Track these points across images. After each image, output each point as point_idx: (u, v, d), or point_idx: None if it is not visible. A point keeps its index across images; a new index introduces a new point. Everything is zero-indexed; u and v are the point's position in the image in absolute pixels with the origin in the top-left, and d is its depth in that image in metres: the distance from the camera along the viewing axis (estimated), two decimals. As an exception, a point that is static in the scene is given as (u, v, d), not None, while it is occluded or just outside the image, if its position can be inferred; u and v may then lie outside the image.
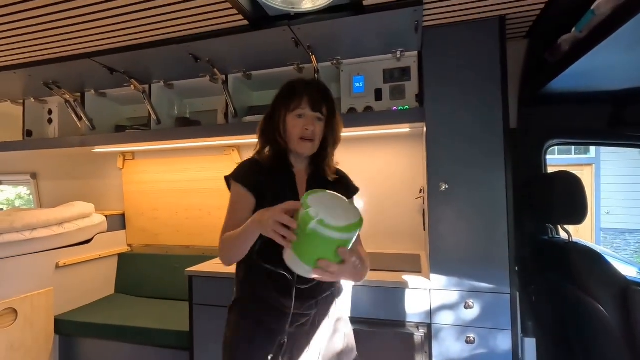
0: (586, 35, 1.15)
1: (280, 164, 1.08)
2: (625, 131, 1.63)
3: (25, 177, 2.93)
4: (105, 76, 1.92)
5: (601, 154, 7.59)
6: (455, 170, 1.49)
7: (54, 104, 2.40)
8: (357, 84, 1.79)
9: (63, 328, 2.08)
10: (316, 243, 0.78)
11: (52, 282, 2.09)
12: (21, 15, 1.39)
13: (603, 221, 7.48)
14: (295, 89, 1.07)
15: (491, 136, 1.46)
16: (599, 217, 7.43)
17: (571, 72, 1.32)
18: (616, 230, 7.51)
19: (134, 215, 2.62)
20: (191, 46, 1.62)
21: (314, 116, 1.05)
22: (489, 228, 1.45)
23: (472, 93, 1.48)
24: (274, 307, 1.03)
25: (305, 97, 1.05)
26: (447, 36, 1.51)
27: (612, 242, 7.49)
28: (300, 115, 1.05)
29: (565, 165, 7.20)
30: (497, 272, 1.42)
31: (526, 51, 1.75)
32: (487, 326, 1.42)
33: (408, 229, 2.06)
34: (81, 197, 2.58)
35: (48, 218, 2.07)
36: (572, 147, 7.90)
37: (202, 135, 1.97)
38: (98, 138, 2.16)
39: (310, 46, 1.61)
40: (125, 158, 2.61)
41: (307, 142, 1.05)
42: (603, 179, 7.52)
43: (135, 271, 2.51)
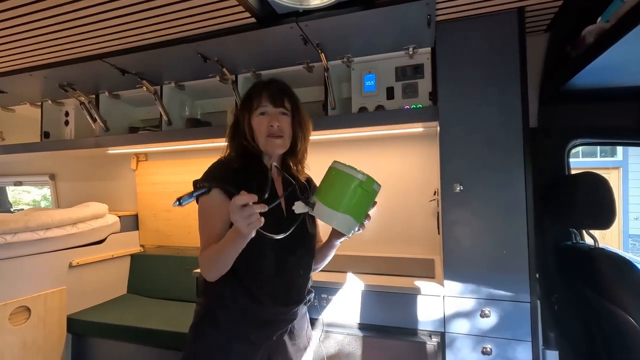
0: (613, 25, 1.07)
1: (254, 166, 1.05)
2: None
3: (44, 178, 3.01)
4: (118, 77, 1.94)
5: (629, 157, 7.24)
6: (471, 171, 1.42)
7: (70, 106, 2.45)
8: (368, 83, 1.74)
9: (75, 327, 2.10)
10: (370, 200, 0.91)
11: (66, 281, 2.12)
12: (34, 17, 1.41)
13: (631, 227, 7.12)
14: (254, 90, 1.07)
15: (509, 136, 1.39)
16: (627, 222, 7.08)
17: (596, 66, 1.23)
18: (646, 237, 7.13)
19: (147, 216, 2.64)
20: (200, 45, 1.61)
21: (277, 111, 1.04)
22: (507, 232, 1.37)
23: (489, 91, 1.42)
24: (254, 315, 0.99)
25: (264, 94, 1.04)
26: (461, 31, 1.45)
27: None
28: (263, 112, 1.03)
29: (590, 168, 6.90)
30: (516, 279, 1.34)
31: (547, 45, 1.66)
32: (505, 336, 1.34)
33: (421, 233, 1.99)
34: (96, 198, 2.62)
35: (62, 218, 2.11)
36: (598, 148, 7.58)
37: (212, 136, 1.96)
38: (111, 139, 2.18)
39: (319, 44, 1.57)
40: (139, 159, 2.64)
41: (275, 139, 1.03)
42: (631, 182, 7.17)
43: (147, 272, 2.52)
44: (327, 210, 0.87)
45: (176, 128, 2.12)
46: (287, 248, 1.00)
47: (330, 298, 1.53)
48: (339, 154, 2.13)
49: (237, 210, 0.79)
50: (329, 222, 0.88)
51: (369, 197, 0.89)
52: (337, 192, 0.88)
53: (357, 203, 0.88)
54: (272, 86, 1.06)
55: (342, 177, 0.88)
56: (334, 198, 0.88)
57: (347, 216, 0.87)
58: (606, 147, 7.39)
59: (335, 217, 0.87)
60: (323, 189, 0.91)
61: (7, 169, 3.19)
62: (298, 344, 1.10)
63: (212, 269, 0.94)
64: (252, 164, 1.04)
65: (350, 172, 0.88)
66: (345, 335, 1.48)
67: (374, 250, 2.09)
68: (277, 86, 1.07)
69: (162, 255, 2.53)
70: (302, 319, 1.13)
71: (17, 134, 2.67)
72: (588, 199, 1.36)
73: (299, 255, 1.05)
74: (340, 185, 0.88)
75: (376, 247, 2.09)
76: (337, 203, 0.87)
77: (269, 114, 1.03)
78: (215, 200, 0.98)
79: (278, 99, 1.04)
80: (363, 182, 0.86)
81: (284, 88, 1.08)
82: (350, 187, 0.87)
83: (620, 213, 6.99)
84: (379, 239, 2.08)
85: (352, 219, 0.88)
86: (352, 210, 0.88)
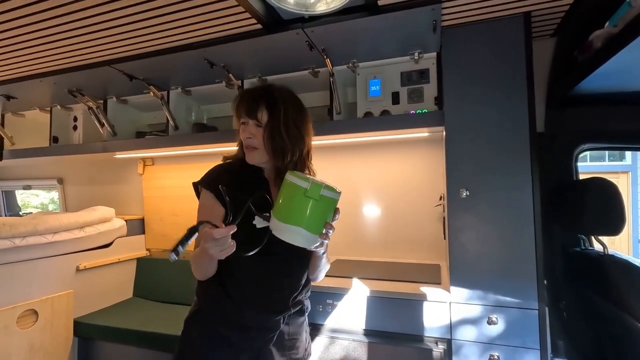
0: (621, 30, 1.06)
1: (254, 174, 1.06)
2: None
3: (52, 182, 3.04)
4: (125, 83, 1.96)
5: (638, 161, 7.14)
6: (477, 176, 1.41)
7: (79, 111, 2.48)
8: (374, 88, 1.74)
9: (81, 330, 2.11)
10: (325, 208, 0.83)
11: (73, 284, 2.14)
12: (44, 24, 1.43)
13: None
14: (236, 99, 1.06)
15: (516, 140, 1.38)
16: (636, 228, 6.96)
17: (604, 70, 1.22)
18: (656, 243, 7.00)
19: (153, 220, 2.65)
20: (206, 51, 1.63)
21: (252, 123, 1.01)
22: (515, 237, 1.35)
23: (495, 95, 1.41)
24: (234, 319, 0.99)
25: (242, 104, 1.02)
26: (467, 36, 1.45)
27: (651, 255, 6.99)
28: (243, 123, 1.03)
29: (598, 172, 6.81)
30: (523, 286, 1.33)
31: (554, 50, 1.65)
32: (513, 344, 1.32)
33: (427, 238, 1.97)
34: (104, 202, 2.64)
35: (69, 222, 2.12)
36: (606, 153, 7.49)
37: (218, 141, 1.97)
38: (118, 144, 2.20)
39: (324, 49, 1.58)
40: (145, 164, 2.66)
41: (250, 151, 1.03)
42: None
43: (153, 276, 2.53)
44: (278, 224, 0.82)
45: (182, 133, 2.13)
46: (274, 257, 0.98)
47: (335, 304, 1.52)
48: (344, 159, 2.13)
49: (210, 240, 0.77)
50: (282, 236, 0.83)
51: (321, 205, 0.82)
52: (286, 203, 0.83)
53: (309, 214, 0.81)
54: (247, 96, 1.03)
55: (289, 187, 0.83)
56: (283, 210, 0.83)
57: (299, 229, 0.81)
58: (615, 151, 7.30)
59: (287, 231, 0.82)
60: (276, 202, 0.86)
61: (16, 173, 3.23)
62: (289, 356, 1.05)
63: (196, 272, 0.98)
64: (251, 169, 1.06)
65: (294, 181, 0.82)
66: (350, 342, 1.47)
67: (379, 256, 2.08)
68: (252, 96, 1.02)
69: (167, 259, 2.53)
70: (298, 329, 1.08)
71: (27, 139, 2.71)
72: (596, 204, 1.34)
73: (287, 264, 1.02)
74: (287, 196, 0.83)
75: (381, 252, 2.08)
76: (287, 215, 0.82)
77: (247, 125, 1.02)
78: (208, 202, 1.01)
79: (252, 110, 1.00)
80: (307, 190, 0.80)
81: (261, 97, 1.01)
82: (296, 197, 0.81)
83: (630, 218, 6.88)
84: (385, 244, 2.07)
85: (306, 231, 0.81)
86: (304, 222, 0.81)
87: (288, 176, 0.84)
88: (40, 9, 1.32)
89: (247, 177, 1.05)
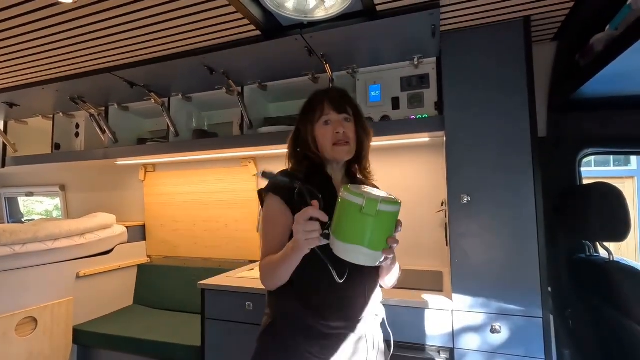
0: (622, 33, 1.05)
1: (318, 177, 1.02)
2: None
3: (54, 189, 3.05)
4: (126, 90, 1.97)
5: (644, 166, 7.07)
6: (479, 181, 1.40)
7: (81, 118, 2.50)
8: (374, 93, 1.74)
9: (81, 338, 2.09)
10: (385, 223, 0.78)
11: (73, 291, 2.13)
12: (46, 32, 1.45)
13: (648, 238, 6.90)
14: (314, 99, 1.04)
15: (517, 145, 1.36)
16: (643, 233, 6.87)
17: (606, 74, 1.21)
18: (664, 249, 6.90)
19: (154, 226, 2.65)
20: (206, 58, 1.64)
21: (341, 118, 1.01)
22: (518, 244, 1.33)
23: (496, 100, 1.40)
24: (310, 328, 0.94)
25: (325, 102, 1.01)
26: (467, 41, 1.44)
27: (659, 261, 6.89)
28: (326, 122, 1.01)
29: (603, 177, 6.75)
30: (527, 293, 1.30)
31: (555, 54, 1.64)
32: (517, 353, 1.29)
33: (429, 245, 1.95)
34: (105, 209, 2.65)
35: (70, 228, 2.12)
36: (611, 158, 7.42)
37: (218, 147, 1.97)
38: (119, 151, 2.21)
39: (324, 55, 1.58)
40: (147, 170, 2.66)
41: (342, 146, 1.00)
42: (646, 192, 6.98)
43: (154, 283, 2.52)
44: (338, 244, 0.78)
45: (183, 139, 2.14)
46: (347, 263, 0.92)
47: (335, 311, 1.50)
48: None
49: (301, 221, 0.78)
50: (343, 256, 0.78)
51: (380, 221, 0.76)
52: (343, 222, 0.78)
53: (369, 232, 0.76)
54: (333, 93, 1.04)
55: (344, 204, 0.78)
56: (342, 229, 0.78)
57: (360, 248, 0.76)
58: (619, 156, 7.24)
59: (348, 251, 0.77)
60: (334, 219, 0.81)
61: (19, 180, 3.25)
62: None
63: (269, 279, 0.94)
64: (316, 174, 1.02)
65: (348, 198, 0.77)
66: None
67: (380, 262, 2.05)
68: (337, 92, 1.05)
69: (168, 266, 2.52)
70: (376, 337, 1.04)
71: (29, 146, 2.72)
72: (601, 210, 1.32)
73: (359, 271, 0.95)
74: (344, 214, 0.78)
75: (383, 258, 2.05)
76: (346, 235, 0.77)
77: (332, 122, 1.01)
78: (275, 209, 0.97)
79: (340, 105, 1.01)
80: (363, 208, 0.74)
81: (344, 94, 1.06)
82: (353, 214, 0.76)
83: (636, 224, 6.79)
84: (386, 250, 2.05)
85: (368, 249, 0.76)
86: (366, 241, 0.76)
87: (342, 193, 0.79)
88: (42, 16, 1.33)
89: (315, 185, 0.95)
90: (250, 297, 1.64)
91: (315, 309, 0.94)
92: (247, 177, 2.35)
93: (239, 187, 2.38)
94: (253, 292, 1.63)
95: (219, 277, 1.85)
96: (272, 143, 1.84)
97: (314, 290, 0.95)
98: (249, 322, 1.64)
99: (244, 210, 2.34)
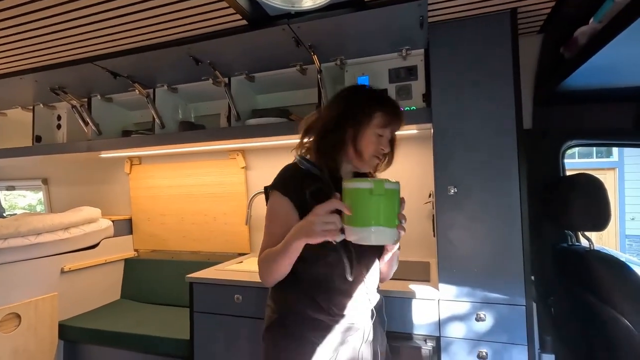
0: (605, 26, 1.07)
1: (332, 176, 0.99)
2: None
3: (36, 183, 2.98)
4: (110, 81, 1.92)
5: (625, 157, 7.27)
6: (465, 173, 1.41)
7: (62, 110, 2.43)
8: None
9: (67, 334, 2.07)
10: (393, 202, 0.85)
11: (57, 287, 2.09)
12: (24, 19, 1.39)
13: (628, 227, 7.14)
14: (378, 105, 0.99)
15: (503, 137, 1.38)
16: (623, 223, 7.09)
17: (590, 67, 1.22)
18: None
19: (141, 220, 2.61)
20: (192, 48, 1.60)
21: (389, 133, 1.02)
22: (502, 234, 1.35)
23: (483, 92, 1.41)
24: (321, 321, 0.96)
25: (387, 117, 0.99)
26: (454, 33, 1.44)
27: (638, 249, 7.13)
28: (380, 134, 1.00)
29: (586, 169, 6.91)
30: (511, 282, 1.33)
31: (540, 47, 1.66)
32: (501, 340, 1.32)
33: (417, 235, 1.97)
34: (90, 203, 2.59)
35: (53, 223, 2.08)
36: (594, 150, 7.61)
37: (205, 139, 1.94)
38: (103, 143, 2.16)
39: (311, 45, 1.56)
40: (133, 163, 2.61)
41: (377, 161, 1.03)
42: (627, 183, 7.19)
43: (142, 277, 2.50)
44: (357, 230, 0.84)
45: (169, 131, 2.10)
46: (361, 258, 0.97)
47: (324, 302, 1.51)
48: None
49: (322, 212, 0.81)
50: (365, 240, 0.84)
51: (388, 199, 0.85)
52: (357, 208, 0.84)
53: (382, 210, 0.84)
54: (398, 111, 1.01)
55: (353, 193, 0.85)
56: (357, 216, 0.84)
57: (379, 228, 0.83)
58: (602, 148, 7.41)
59: (369, 233, 0.84)
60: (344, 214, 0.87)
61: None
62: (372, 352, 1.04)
63: (268, 274, 0.94)
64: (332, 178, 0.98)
65: (357, 186, 0.85)
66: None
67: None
68: (400, 113, 1.02)
69: (155, 260, 2.50)
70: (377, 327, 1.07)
71: (9, 139, 2.64)
72: (582, 200, 1.35)
73: (362, 262, 0.99)
74: (355, 201, 0.84)
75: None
76: (363, 219, 0.83)
77: (384, 138, 1.01)
78: (284, 209, 0.95)
79: (397, 127, 1.02)
80: (373, 190, 0.83)
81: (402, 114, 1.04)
82: (364, 199, 0.83)
83: (617, 214, 7.00)
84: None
85: (385, 227, 0.84)
86: (382, 220, 0.83)
87: (348, 184, 0.86)
88: (19, 2, 1.27)
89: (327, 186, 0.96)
90: (239, 289, 1.64)
91: (324, 303, 0.95)
92: (235, 169, 2.32)
93: (227, 180, 2.35)
94: (242, 285, 1.63)
95: (207, 270, 1.84)
96: (260, 135, 1.82)
97: (324, 285, 0.96)
98: (238, 315, 1.64)
99: (233, 204, 2.32)
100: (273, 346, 0.98)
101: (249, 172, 2.31)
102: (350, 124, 0.98)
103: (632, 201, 7.13)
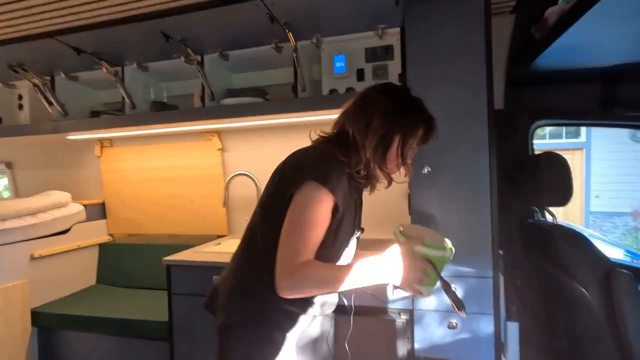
0: (573, 5, 1.09)
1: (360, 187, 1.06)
2: (617, 111, 1.58)
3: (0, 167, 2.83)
4: (73, 58, 1.82)
5: (592, 138, 7.61)
6: (438, 152, 1.43)
7: (24, 89, 2.28)
8: (339, 64, 1.71)
9: (41, 320, 2.02)
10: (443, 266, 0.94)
11: (27, 273, 2.03)
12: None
13: (592, 204, 7.55)
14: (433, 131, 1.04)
15: (476, 117, 1.40)
16: (588, 200, 7.49)
17: (558, 47, 1.25)
18: (605, 214, 7.59)
19: (115, 204, 2.54)
20: (162, 23, 1.53)
21: None
22: (473, 211, 1.40)
23: (456, 73, 1.42)
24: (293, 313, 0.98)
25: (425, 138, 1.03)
26: (429, 11, 1.43)
27: (601, 225, 7.58)
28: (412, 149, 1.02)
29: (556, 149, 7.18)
30: (480, 256, 1.39)
31: (513, 27, 1.68)
32: (470, 311, 1.38)
33: (393, 214, 2.00)
34: (60, 187, 2.48)
35: (20, 208, 2.00)
36: (563, 130, 7.90)
37: (178, 120, 1.89)
38: (70, 124, 2.06)
39: (286, 22, 1.52)
40: (103, 145, 2.52)
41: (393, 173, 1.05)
42: (594, 162, 7.56)
43: (118, 261, 2.45)
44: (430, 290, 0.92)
45: (140, 112, 2.02)
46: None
47: (302, 281, 1.54)
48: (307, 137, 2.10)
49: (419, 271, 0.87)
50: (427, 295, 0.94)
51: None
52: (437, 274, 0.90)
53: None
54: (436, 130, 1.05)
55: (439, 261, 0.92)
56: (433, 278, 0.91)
57: None
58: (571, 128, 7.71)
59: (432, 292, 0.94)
60: None
61: (-43, 158, 2.97)
62: None
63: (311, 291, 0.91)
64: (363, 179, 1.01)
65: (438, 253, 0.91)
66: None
67: (347, 233, 2.10)
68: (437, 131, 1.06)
69: (131, 244, 2.46)
70: None
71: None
72: (547, 177, 1.41)
73: None
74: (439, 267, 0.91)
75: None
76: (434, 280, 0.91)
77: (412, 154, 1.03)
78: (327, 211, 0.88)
79: None
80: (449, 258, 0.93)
81: None
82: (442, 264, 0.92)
83: (583, 191, 7.37)
84: (352, 221, 2.10)
85: None
86: None
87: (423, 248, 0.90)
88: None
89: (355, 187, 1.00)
90: (217, 271, 1.64)
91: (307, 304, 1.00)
92: (211, 151, 2.28)
93: (203, 162, 2.31)
94: (220, 266, 1.63)
95: (184, 252, 1.83)
96: (236, 115, 1.78)
97: None
98: (216, 295, 1.65)
99: (210, 186, 2.29)
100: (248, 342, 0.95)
101: (225, 153, 2.28)
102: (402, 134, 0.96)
103: (597, 179, 7.52)
